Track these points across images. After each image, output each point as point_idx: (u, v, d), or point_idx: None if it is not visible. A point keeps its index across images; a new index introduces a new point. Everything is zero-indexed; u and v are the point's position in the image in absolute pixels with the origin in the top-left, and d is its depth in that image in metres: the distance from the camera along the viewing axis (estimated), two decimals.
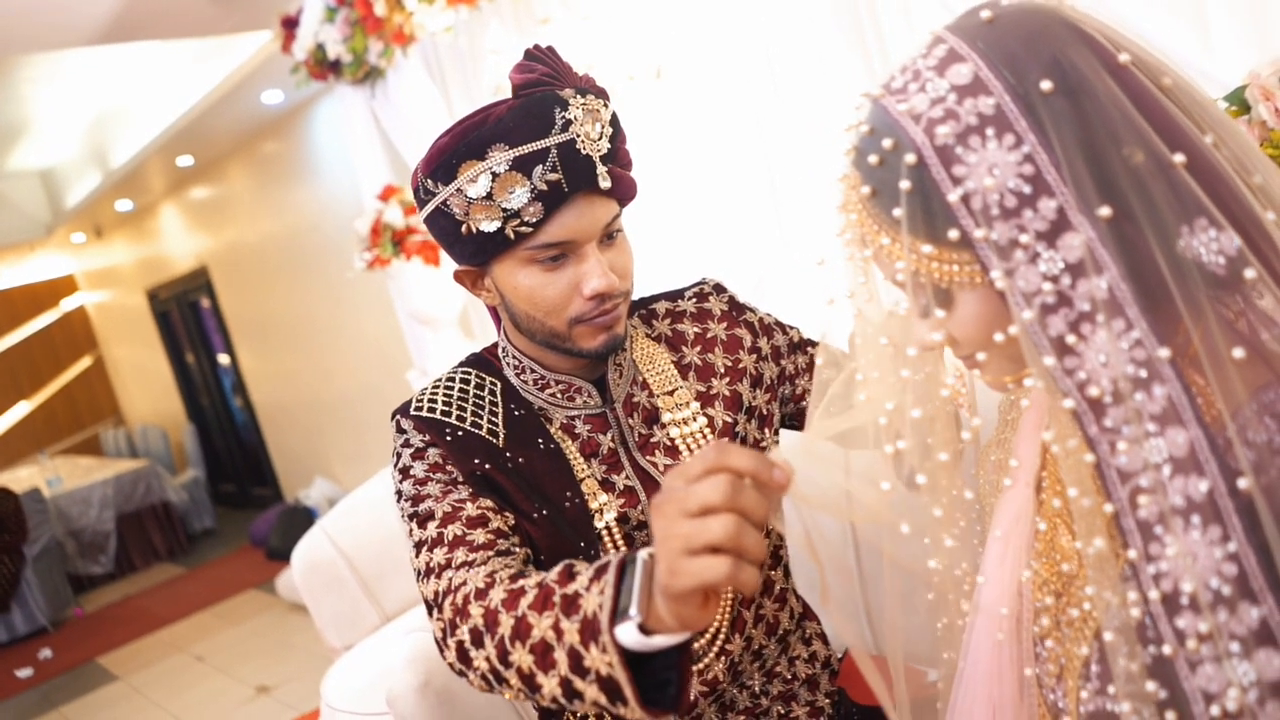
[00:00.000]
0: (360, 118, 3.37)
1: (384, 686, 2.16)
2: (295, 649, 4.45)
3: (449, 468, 1.08)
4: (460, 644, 0.92)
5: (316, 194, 5.18)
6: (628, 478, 1.11)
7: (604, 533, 1.09)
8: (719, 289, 1.28)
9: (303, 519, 5.73)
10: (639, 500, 1.10)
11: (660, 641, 0.74)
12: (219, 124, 5.12)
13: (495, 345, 1.22)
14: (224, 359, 7.45)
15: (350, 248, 3.29)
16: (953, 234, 0.64)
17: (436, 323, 3.14)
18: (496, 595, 0.90)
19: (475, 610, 0.91)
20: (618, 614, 0.74)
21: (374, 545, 2.52)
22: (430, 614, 1.00)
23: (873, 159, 0.67)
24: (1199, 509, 0.60)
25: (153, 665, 4.75)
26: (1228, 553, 0.59)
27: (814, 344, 1.27)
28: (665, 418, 1.14)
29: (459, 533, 1.01)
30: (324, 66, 3.24)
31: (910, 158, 0.64)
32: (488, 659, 0.89)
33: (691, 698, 0.81)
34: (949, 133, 0.63)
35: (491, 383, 1.16)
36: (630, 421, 1.14)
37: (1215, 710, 0.60)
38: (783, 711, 1.18)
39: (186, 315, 7.76)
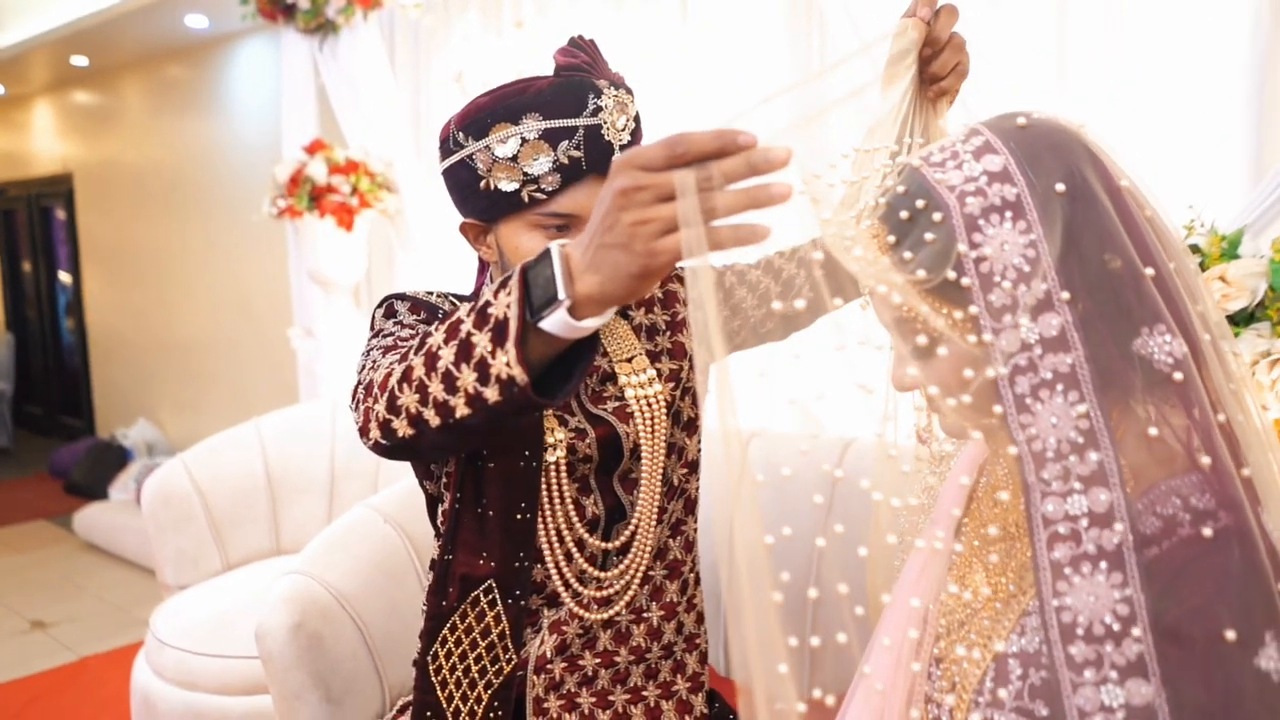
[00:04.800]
0: (300, 67, 3.32)
1: (218, 628, 2.11)
2: (84, 591, 4.18)
3: None
4: (387, 375, 0.96)
5: (218, 131, 4.98)
6: (579, 421, 1.21)
7: (551, 448, 1.18)
8: None
9: (115, 457, 5.42)
10: (587, 436, 1.20)
11: (591, 324, 0.80)
12: (130, 34, 4.86)
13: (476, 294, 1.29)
14: (65, 276, 6.95)
15: (249, 194, 3.19)
16: (961, 282, 0.75)
17: (333, 286, 3.10)
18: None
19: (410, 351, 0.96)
20: (546, 304, 0.79)
21: (232, 489, 2.45)
22: (356, 403, 1.03)
23: (903, 214, 0.78)
24: (1107, 557, 0.72)
25: None
26: (1124, 595, 0.71)
27: None
28: (621, 380, 1.25)
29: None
30: (277, 7, 3.18)
31: (938, 216, 0.76)
32: (407, 366, 0.93)
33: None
34: (976, 205, 0.75)
35: None
36: (586, 380, 1.24)
37: None
38: (669, 679, 1.28)
39: (35, 220, 7.21)
